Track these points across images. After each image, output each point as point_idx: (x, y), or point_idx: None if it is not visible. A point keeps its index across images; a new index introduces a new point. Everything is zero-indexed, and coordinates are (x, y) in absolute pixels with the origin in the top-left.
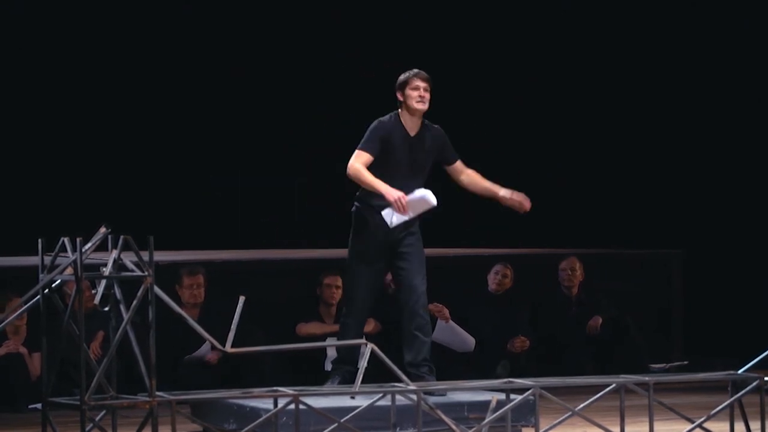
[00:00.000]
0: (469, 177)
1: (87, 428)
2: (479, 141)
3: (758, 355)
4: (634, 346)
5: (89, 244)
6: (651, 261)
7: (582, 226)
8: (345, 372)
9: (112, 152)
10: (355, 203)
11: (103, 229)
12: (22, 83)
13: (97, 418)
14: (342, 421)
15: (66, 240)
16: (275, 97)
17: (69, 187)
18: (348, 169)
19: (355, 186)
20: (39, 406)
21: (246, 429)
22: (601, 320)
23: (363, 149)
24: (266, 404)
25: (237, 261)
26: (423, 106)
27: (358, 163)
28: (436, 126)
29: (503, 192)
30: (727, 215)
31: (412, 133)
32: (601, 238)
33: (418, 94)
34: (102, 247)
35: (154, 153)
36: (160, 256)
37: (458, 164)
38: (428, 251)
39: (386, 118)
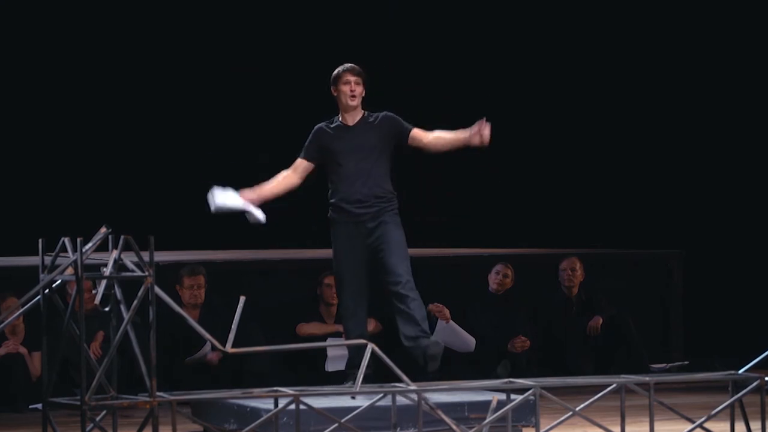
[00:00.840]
0: (435, 138)
1: (87, 428)
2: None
3: (758, 355)
4: (634, 346)
5: (90, 245)
6: (651, 261)
7: (582, 226)
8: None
9: (112, 152)
10: (329, 208)
11: (103, 230)
12: (22, 83)
13: (98, 419)
14: (342, 421)
15: (66, 240)
16: (275, 99)
17: (69, 187)
18: None
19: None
20: (39, 406)
21: (246, 429)
22: (601, 320)
23: (300, 155)
24: (266, 404)
25: (237, 261)
26: (354, 102)
27: (288, 168)
28: (382, 113)
29: (466, 134)
30: (727, 216)
31: (351, 123)
32: (601, 238)
33: (348, 89)
34: (103, 247)
35: (154, 153)
36: (161, 256)
37: (415, 132)
38: (428, 251)
39: (326, 121)
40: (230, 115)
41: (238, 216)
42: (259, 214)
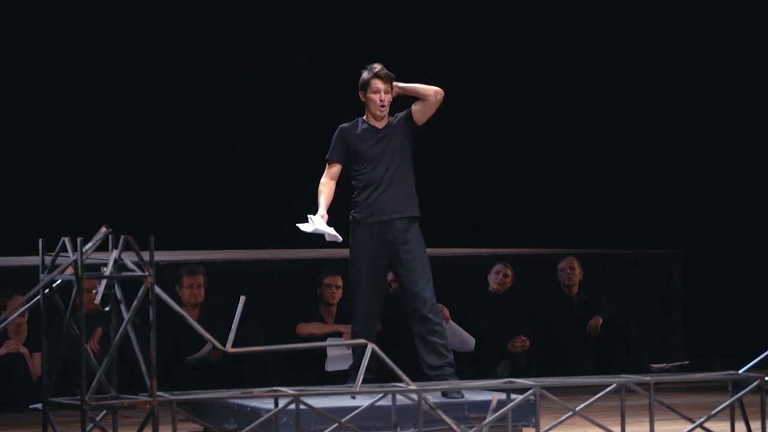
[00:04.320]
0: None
1: (87, 428)
2: (480, 141)
3: (758, 355)
4: (634, 346)
5: (90, 244)
6: (651, 261)
7: (582, 226)
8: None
9: (112, 152)
10: (351, 211)
11: (103, 229)
12: (22, 83)
13: (98, 418)
14: (342, 421)
15: (66, 240)
16: (276, 101)
17: (69, 187)
18: None
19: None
20: (39, 406)
21: (246, 429)
22: (601, 320)
23: (328, 159)
24: (267, 404)
25: (237, 261)
26: (383, 112)
27: (324, 176)
28: (403, 112)
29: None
30: (727, 216)
31: (380, 126)
32: (600, 238)
33: (378, 98)
34: (103, 247)
35: (154, 153)
36: (161, 256)
37: (413, 106)
38: (428, 251)
39: (349, 122)
40: (229, 114)
41: (237, 216)
42: (337, 235)
